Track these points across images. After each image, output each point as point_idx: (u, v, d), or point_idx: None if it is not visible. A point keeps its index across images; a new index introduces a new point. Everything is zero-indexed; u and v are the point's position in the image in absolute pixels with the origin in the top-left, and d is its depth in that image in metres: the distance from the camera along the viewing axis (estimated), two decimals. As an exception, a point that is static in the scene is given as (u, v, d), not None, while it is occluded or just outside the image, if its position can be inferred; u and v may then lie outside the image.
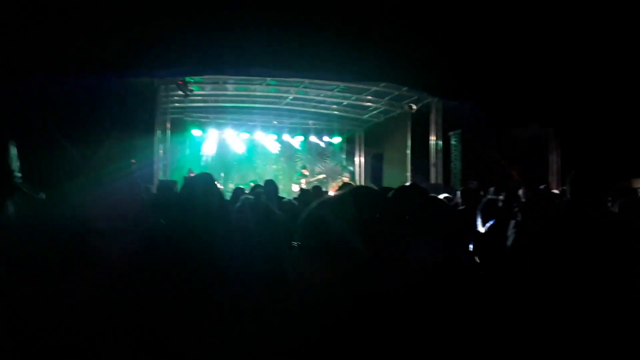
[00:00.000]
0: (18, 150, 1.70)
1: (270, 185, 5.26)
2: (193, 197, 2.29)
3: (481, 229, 4.00)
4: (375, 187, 5.55)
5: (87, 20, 5.53)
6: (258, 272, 2.27)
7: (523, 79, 8.58)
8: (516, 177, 12.90)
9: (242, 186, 13.84)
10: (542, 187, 7.58)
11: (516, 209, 3.66)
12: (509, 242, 3.15)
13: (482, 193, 7.10)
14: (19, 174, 1.72)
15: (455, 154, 13.66)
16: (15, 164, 1.72)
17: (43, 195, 1.79)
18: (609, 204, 3.28)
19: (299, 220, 1.23)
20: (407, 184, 3.71)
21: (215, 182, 2.52)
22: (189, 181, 2.76)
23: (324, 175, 16.34)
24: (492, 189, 7.30)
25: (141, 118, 10.24)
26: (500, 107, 11.26)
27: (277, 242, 2.83)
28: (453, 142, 13.77)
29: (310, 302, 1.14)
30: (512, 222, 3.42)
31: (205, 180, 2.44)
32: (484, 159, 13.28)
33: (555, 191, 7.91)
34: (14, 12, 5.17)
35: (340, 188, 5.73)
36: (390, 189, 3.22)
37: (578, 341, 2.01)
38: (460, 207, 5.49)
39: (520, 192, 6.65)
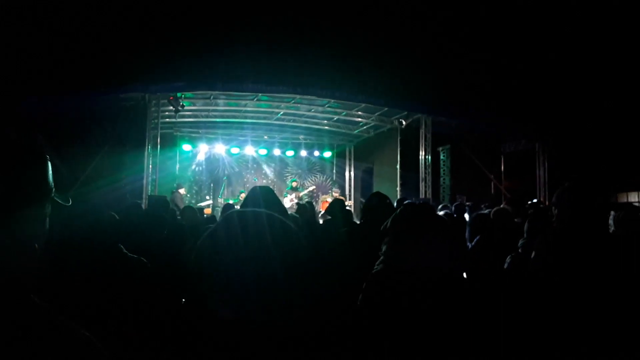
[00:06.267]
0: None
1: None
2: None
3: (469, 243, 4.07)
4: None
5: (79, 38, 5.57)
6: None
7: (512, 95, 8.75)
8: (504, 191, 13.05)
9: (232, 201, 13.89)
10: (531, 202, 7.66)
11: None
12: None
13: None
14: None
15: (444, 169, 13.81)
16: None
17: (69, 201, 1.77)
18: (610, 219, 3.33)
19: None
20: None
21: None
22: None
23: (313, 187, 16.42)
24: (460, 199, 7.34)
25: (132, 134, 10.22)
26: (489, 123, 11.42)
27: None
28: (442, 157, 13.93)
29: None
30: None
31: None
32: (472, 174, 13.44)
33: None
34: (8, 35, 5.21)
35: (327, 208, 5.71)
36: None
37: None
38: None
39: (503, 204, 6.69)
